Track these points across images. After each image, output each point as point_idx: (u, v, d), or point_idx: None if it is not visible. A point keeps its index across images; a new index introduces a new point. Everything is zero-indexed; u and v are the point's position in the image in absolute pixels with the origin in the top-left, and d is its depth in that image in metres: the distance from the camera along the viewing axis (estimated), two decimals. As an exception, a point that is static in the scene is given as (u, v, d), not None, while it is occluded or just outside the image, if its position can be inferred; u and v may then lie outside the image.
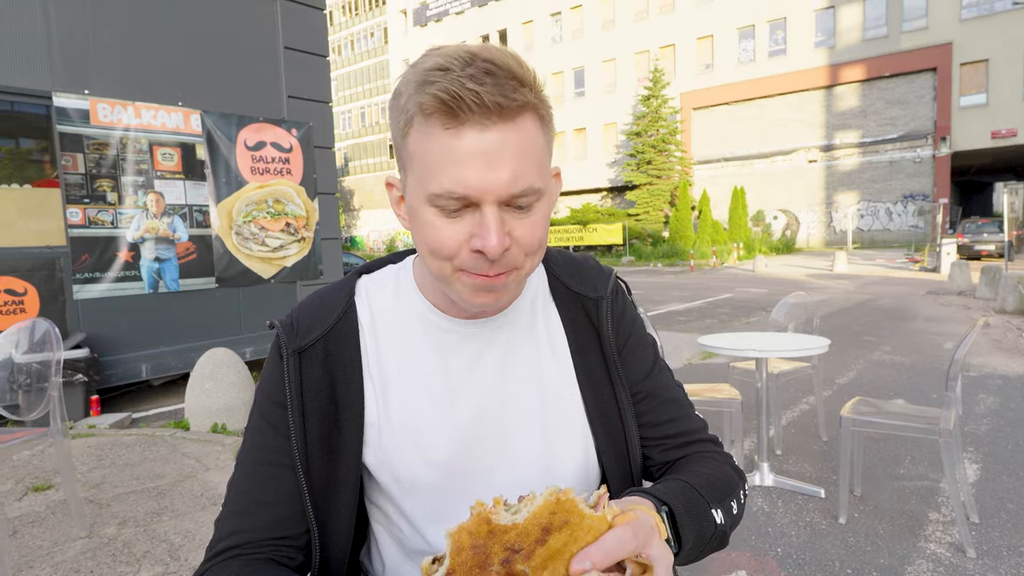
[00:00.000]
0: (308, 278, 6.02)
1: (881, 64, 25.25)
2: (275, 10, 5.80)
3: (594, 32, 32.26)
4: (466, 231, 0.62)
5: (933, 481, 2.99)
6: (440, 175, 0.60)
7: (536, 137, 0.63)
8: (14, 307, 4.38)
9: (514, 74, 0.60)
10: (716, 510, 0.69)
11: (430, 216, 0.63)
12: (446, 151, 0.59)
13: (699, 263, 20.68)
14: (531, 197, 0.63)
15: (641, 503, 0.62)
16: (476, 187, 0.59)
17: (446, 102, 0.58)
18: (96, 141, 4.72)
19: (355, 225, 46.66)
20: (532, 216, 0.64)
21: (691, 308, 10.28)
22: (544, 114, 0.64)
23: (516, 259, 0.64)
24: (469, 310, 0.69)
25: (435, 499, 0.73)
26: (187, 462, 3.37)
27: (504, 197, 0.61)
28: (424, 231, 0.64)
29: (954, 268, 11.30)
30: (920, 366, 5.48)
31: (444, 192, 0.60)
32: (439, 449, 0.72)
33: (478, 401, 0.74)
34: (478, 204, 0.61)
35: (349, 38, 49.99)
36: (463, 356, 0.74)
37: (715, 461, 0.78)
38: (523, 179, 0.61)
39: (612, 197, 32.91)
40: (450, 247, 0.62)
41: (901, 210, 25.75)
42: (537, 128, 0.63)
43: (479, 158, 0.59)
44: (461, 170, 0.59)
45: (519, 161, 0.60)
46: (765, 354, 2.80)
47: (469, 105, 0.57)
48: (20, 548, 2.42)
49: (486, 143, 0.59)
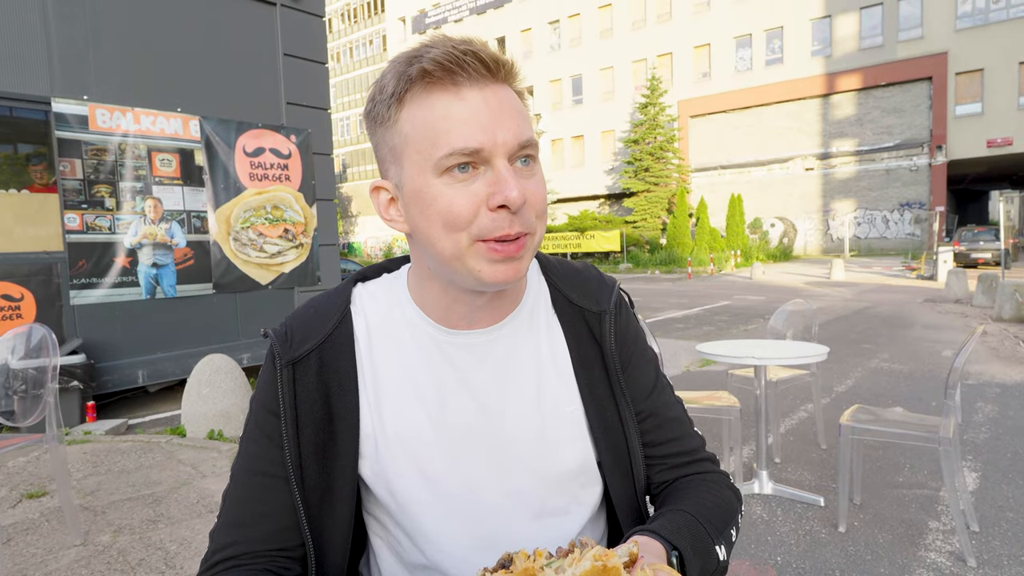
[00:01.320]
0: (306, 284, 6.01)
1: (877, 73, 25.42)
2: (274, 17, 5.82)
3: (592, 40, 32.42)
4: (483, 192, 0.62)
5: (932, 489, 2.98)
6: (447, 138, 0.61)
7: (522, 104, 0.67)
8: (10, 312, 4.36)
9: (488, 47, 0.64)
10: (720, 546, 0.70)
11: (440, 188, 0.62)
12: (449, 114, 0.61)
13: (697, 270, 20.71)
14: (532, 149, 0.65)
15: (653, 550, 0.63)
16: (487, 142, 0.61)
17: (444, 64, 0.60)
18: (94, 147, 4.72)
19: (353, 231, 46.65)
20: (536, 176, 0.66)
21: (689, 315, 10.28)
22: (524, 97, 0.69)
23: (530, 221, 0.64)
24: (487, 289, 0.67)
25: (431, 513, 0.72)
26: (183, 469, 3.34)
27: (513, 148, 0.62)
28: (436, 205, 0.62)
29: (951, 276, 11.33)
30: (918, 374, 5.48)
31: (456, 150, 0.60)
32: (433, 463, 0.71)
33: (473, 414, 0.72)
34: (488, 161, 0.62)
35: (348, 45, 50.17)
36: (458, 368, 0.73)
37: (716, 485, 0.78)
38: (525, 131, 0.63)
39: (610, 204, 32.97)
40: (468, 212, 0.61)
41: (898, 218, 25.85)
42: (520, 97, 0.67)
43: (483, 114, 0.61)
44: (468, 128, 0.61)
45: (517, 116, 0.64)
46: (764, 361, 2.80)
47: (465, 64, 0.60)
48: (13, 556, 2.39)
49: (487, 101, 0.62)
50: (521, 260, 0.65)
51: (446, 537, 0.72)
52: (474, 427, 0.72)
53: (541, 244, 0.69)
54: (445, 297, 0.71)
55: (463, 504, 0.72)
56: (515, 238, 0.63)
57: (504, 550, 0.61)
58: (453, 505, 0.72)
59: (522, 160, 0.64)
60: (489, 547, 0.72)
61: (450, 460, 0.72)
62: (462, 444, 0.72)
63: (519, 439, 0.73)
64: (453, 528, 0.72)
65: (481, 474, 0.72)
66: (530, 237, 0.65)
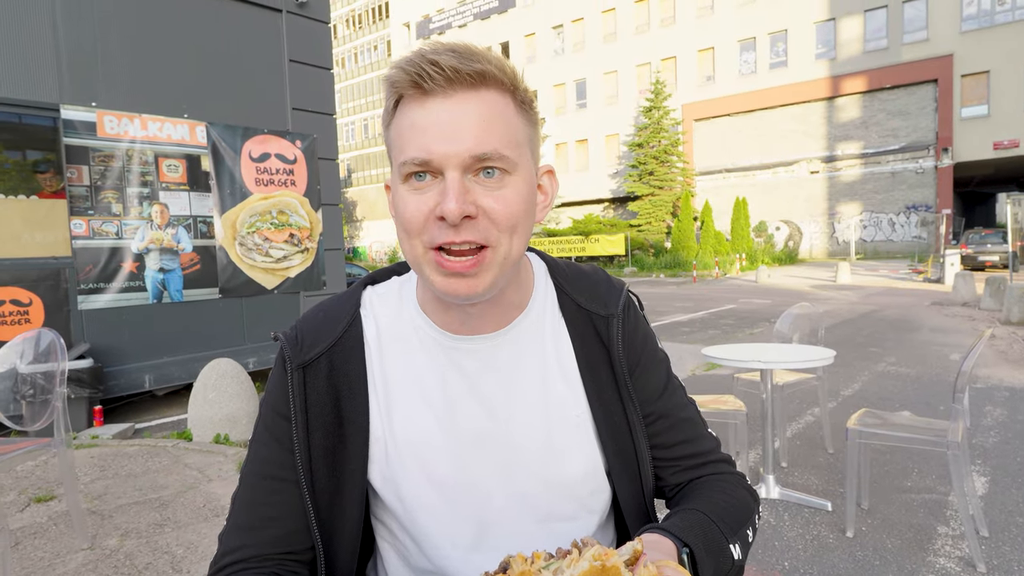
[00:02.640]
0: (311, 289, 6.03)
1: (882, 76, 25.36)
2: (280, 23, 5.86)
3: (596, 44, 32.49)
4: (432, 200, 0.62)
5: (941, 494, 2.96)
6: (407, 147, 0.62)
7: (504, 111, 0.64)
8: (19, 317, 4.39)
9: (472, 50, 0.63)
10: (734, 545, 0.69)
11: (403, 193, 0.64)
12: (414, 123, 0.62)
13: (702, 274, 20.65)
14: (497, 163, 0.62)
15: (664, 548, 0.62)
16: (437, 152, 0.60)
17: (410, 75, 0.61)
18: (102, 153, 4.76)
19: (358, 236, 46.78)
20: (503, 189, 0.63)
21: (694, 319, 10.26)
22: (517, 97, 0.65)
23: (487, 233, 0.62)
24: (447, 299, 0.67)
25: (439, 518, 0.72)
26: (190, 473, 3.35)
27: (466, 161, 0.61)
28: (398, 210, 0.65)
29: (958, 279, 11.26)
30: (926, 377, 5.44)
31: (409, 159, 0.62)
32: (441, 468, 0.71)
33: (480, 419, 0.72)
34: (441, 171, 0.61)
35: (353, 51, 50.43)
36: (464, 373, 0.73)
37: (730, 485, 0.77)
38: (486, 143, 0.61)
39: (614, 208, 32.96)
40: (417, 220, 0.62)
41: (904, 221, 25.74)
42: (507, 104, 0.64)
43: (443, 124, 0.61)
44: (425, 137, 0.61)
45: (482, 127, 0.61)
46: (770, 365, 2.79)
47: (430, 75, 0.60)
48: (22, 560, 2.40)
49: (450, 111, 0.61)
50: (476, 277, 0.63)
51: (453, 542, 0.72)
52: (482, 432, 0.72)
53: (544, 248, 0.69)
54: (440, 303, 0.72)
55: (471, 509, 0.72)
56: (467, 252, 0.62)
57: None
58: (460, 510, 0.72)
59: (485, 172, 0.62)
60: (496, 553, 0.71)
61: (458, 465, 0.72)
62: (470, 449, 0.72)
63: (526, 445, 0.73)
64: (460, 533, 0.72)
65: (489, 480, 0.72)
66: (491, 250, 0.63)
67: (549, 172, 0.73)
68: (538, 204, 0.71)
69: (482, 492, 0.72)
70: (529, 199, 0.66)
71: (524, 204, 0.65)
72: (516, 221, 0.64)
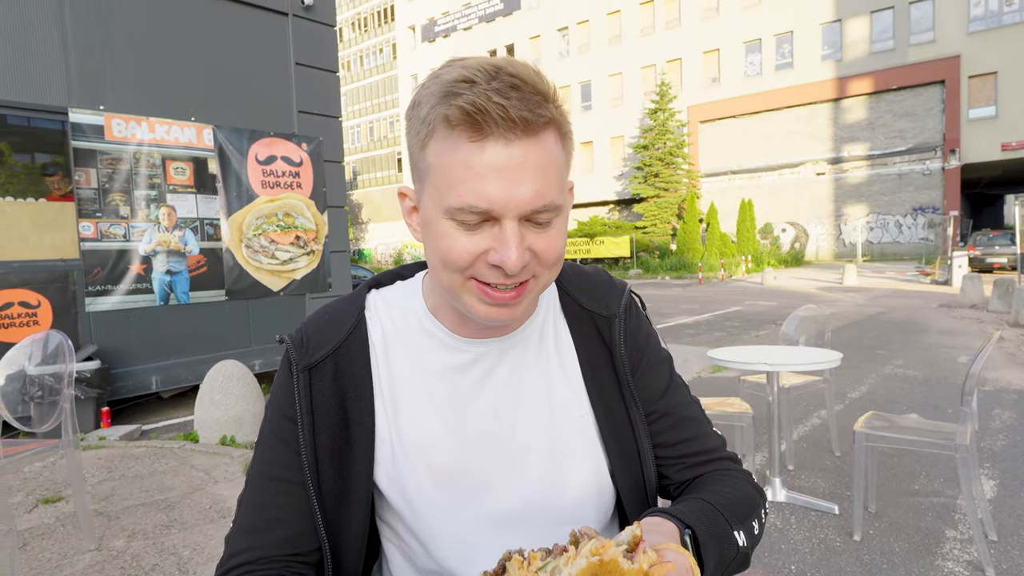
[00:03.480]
0: (317, 291, 6.05)
1: (888, 77, 25.26)
2: (286, 27, 5.89)
3: (600, 47, 32.50)
4: (484, 244, 0.61)
5: (949, 498, 2.94)
6: (461, 188, 0.59)
7: (557, 153, 0.62)
8: (28, 319, 4.42)
9: (538, 89, 0.59)
10: (739, 532, 0.68)
11: (446, 227, 0.61)
12: (468, 164, 0.58)
13: (707, 276, 20.60)
14: (551, 213, 0.62)
15: (665, 530, 0.61)
16: (499, 202, 0.59)
17: (471, 115, 0.57)
18: (110, 156, 4.79)
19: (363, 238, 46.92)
20: (551, 230, 0.63)
21: (700, 321, 10.23)
22: (565, 130, 0.64)
23: (535, 271, 0.64)
24: (479, 323, 0.68)
25: (445, 519, 0.72)
26: (196, 474, 3.37)
27: (526, 212, 0.60)
28: (439, 242, 0.62)
29: (966, 281, 11.19)
30: (933, 380, 5.41)
31: (465, 206, 0.59)
32: (447, 469, 0.71)
33: (486, 421, 0.73)
34: (498, 219, 0.60)
35: (358, 54, 50.62)
36: (471, 376, 0.73)
37: (735, 480, 0.77)
38: (545, 195, 0.60)
39: (619, 210, 32.94)
40: (466, 259, 0.61)
41: (911, 223, 25.60)
42: (557, 144, 0.63)
43: (502, 173, 0.58)
44: (483, 184, 0.58)
45: (541, 177, 0.60)
46: (776, 368, 2.77)
47: (495, 119, 0.57)
48: (29, 560, 2.42)
49: (510, 158, 0.58)
50: (517, 306, 0.65)
51: (459, 544, 0.72)
52: (488, 434, 0.72)
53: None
54: (456, 312, 0.72)
55: (477, 511, 0.72)
56: (512, 288, 0.63)
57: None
58: (466, 511, 0.72)
59: (538, 220, 0.62)
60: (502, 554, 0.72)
61: (465, 468, 0.72)
62: (476, 451, 0.72)
63: (531, 446, 0.73)
64: (466, 534, 0.72)
65: (495, 482, 0.72)
66: (533, 281, 0.65)
67: (570, 190, 0.73)
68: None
69: (488, 493, 0.72)
70: (566, 228, 0.67)
71: (564, 236, 0.66)
72: (559, 256, 0.66)
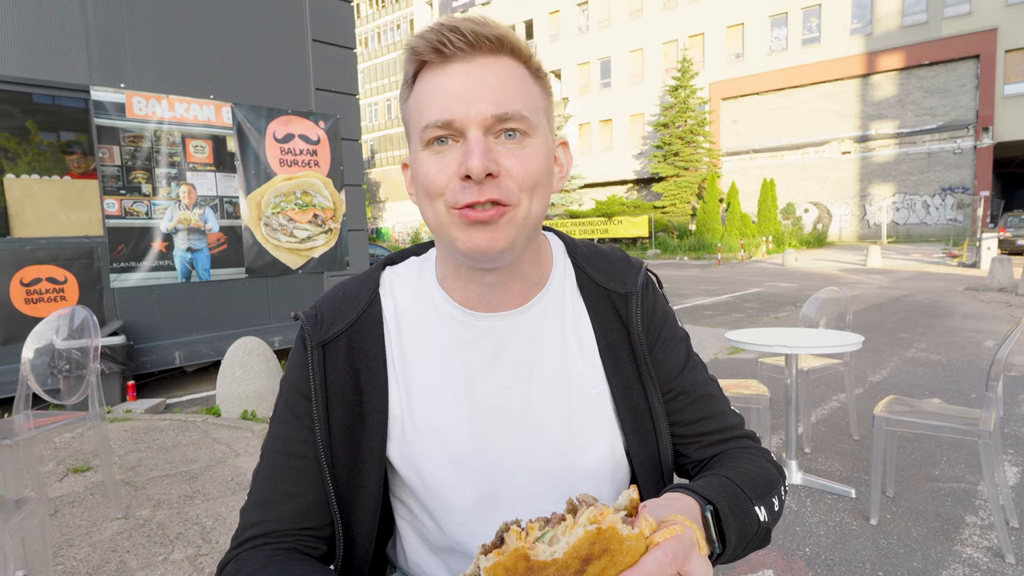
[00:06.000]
0: (335, 269, 6.10)
1: (920, 52, 24.38)
2: (303, 3, 5.85)
3: (621, 21, 31.81)
4: (455, 163, 0.63)
5: (970, 484, 2.90)
6: (429, 110, 0.64)
7: (523, 76, 0.66)
8: (55, 295, 4.53)
9: (488, 21, 0.65)
10: (760, 507, 0.67)
11: (424, 158, 0.65)
12: (436, 88, 0.64)
13: (727, 256, 20.36)
14: (518, 124, 0.64)
15: (684, 504, 0.60)
16: (460, 113, 0.62)
17: (431, 42, 0.63)
18: (131, 134, 4.84)
19: (381, 217, 47.07)
20: (524, 150, 0.65)
21: (718, 302, 10.13)
22: (532, 65, 0.68)
23: (509, 192, 0.64)
24: (471, 262, 0.68)
25: (458, 496, 0.72)
26: (218, 447, 3.45)
27: (488, 121, 0.62)
28: (419, 175, 0.66)
29: (995, 263, 10.90)
30: (957, 364, 5.31)
31: (430, 123, 0.63)
32: (460, 445, 0.72)
33: (499, 397, 0.73)
34: (463, 132, 0.63)
35: (376, 30, 50.23)
36: (483, 351, 0.73)
37: (754, 457, 0.76)
38: (505, 104, 0.63)
39: (638, 189, 32.55)
40: (440, 181, 0.64)
41: (939, 203, 24.91)
42: (523, 71, 0.67)
43: (464, 87, 0.63)
44: (445, 100, 0.63)
45: (503, 89, 0.64)
46: (795, 350, 2.74)
47: (451, 40, 0.62)
48: (60, 527, 2.51)
49: (469, 72, 0.63)
50: (496, 228, 0.64)
51: (473, 520, 0.73)
52: (502, 410, 0.72)
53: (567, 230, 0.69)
54: (460, 278, 0.72)
55: (491, 487, 0.72)
56: (489, 208, 0.63)
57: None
58: (480, 488, 0.72)
59: (507, 134, 0.63)
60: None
61: (478, 443, 0.72)
62: (489, 426, 0.72)
63: (546, 422, 0.73)
64: (480, 511, 0.73)
65: (509, 458, 0.72)
66: (511, 209, 0.64)
67: (563, 144, 0.75)
68: (554, 175, 0.72)
69: (501, 469, 0.72)
70: (547, 162, 0.68)
71: (543, 166, 0.67)
72: (536, 181, 0.65)
